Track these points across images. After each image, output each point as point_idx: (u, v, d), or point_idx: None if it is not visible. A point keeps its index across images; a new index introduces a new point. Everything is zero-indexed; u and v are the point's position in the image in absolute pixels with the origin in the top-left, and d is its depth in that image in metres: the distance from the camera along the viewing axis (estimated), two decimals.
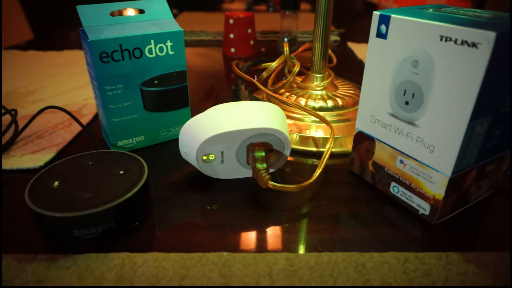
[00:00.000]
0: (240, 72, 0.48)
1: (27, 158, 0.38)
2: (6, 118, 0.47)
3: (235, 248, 0.27)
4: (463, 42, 0.23)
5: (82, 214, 0.25)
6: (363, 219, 0.30)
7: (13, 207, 0.31)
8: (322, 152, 0.39)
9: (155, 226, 0.29)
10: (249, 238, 0.28)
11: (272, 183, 0.29)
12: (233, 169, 0.34)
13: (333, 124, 0.41)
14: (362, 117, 0.32)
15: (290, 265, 0.25)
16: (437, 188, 0.27)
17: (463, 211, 0.30)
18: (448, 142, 0.25)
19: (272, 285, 0.23)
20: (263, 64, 0.55)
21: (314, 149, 0.39)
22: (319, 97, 0.44)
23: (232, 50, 0.79)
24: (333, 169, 0.37)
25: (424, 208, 0.29)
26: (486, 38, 0.22)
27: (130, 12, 0.41)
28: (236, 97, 0.43)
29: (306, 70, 0.56)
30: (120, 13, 0.40)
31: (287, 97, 0.45)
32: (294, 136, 0.40)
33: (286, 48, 0.48)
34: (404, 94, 0.28)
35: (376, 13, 0.29)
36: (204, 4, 1.44)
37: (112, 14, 0.37)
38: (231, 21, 0.76)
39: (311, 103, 0.43)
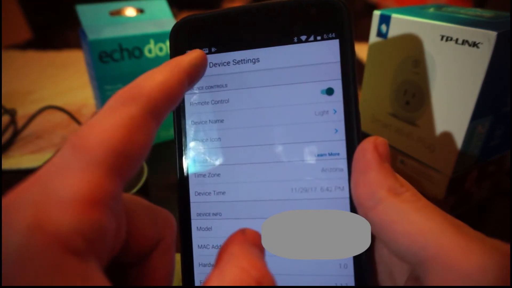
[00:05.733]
0: None
1: (26, 158, 0.38)
2: (5, 118, 0.47)
3: None
4: (464, 42, 0.23)
5: None
6: None
7: None
8: None
9: None
10: None
11: None
12: None
13: None
14: (362, 117, 0.32)
15: None
16: (438, 188, 0.27)
17: (464, 212, 0.30)
18: (449, 142, 0.25)
19: None
20: None
21: None
22: None
23: None
24: None
25: None
26: (487, 38, 0.21)
27: (130, 11, 0.41)
28: None
29: None
30: (119, 12, 0.40)
31: None
32: None
33: None
34: (405, 94, 0.28)
35: (376, 13, 0.28)
36: (204, 4, 1.44)
37: (112, 13, 0.37)
38: None
39: None
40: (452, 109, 0.24)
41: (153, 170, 0.37)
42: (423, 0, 0.84)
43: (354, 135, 0.16)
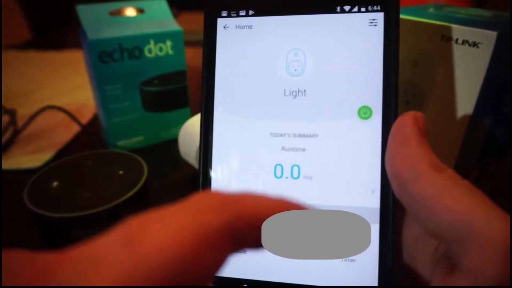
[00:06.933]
0: None
1: (26, 158, 0.38)
2: (5, 118, 0.47)
3: None
4: (464, 42, 0.23)
5: (81, 215, 0.25)
6: None
7: (12, 208, 0.31)
8: None
9: None
10: None
11: None
12: None
13: None
14: None
15: None
16: None
17: None
18: (448, 142, 0.25)
19: None
20: None
21: None
22: None
23: None
24: None
25: None
26: (487, 38, 0.21)
27: (130, 11, 0.41)
28: None
29: None
30: (119, 12, 0.40)
31: None
32: None
33: None
34: (405, 94, 0.28)
35: None
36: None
37: (112, 13, 0.37)
38: None
39: None
40: (452, 109, 0.24)
41: (153, 170, 0.37)
42: (423, 0, 0.84)
43: (391, 101, 0.16)
